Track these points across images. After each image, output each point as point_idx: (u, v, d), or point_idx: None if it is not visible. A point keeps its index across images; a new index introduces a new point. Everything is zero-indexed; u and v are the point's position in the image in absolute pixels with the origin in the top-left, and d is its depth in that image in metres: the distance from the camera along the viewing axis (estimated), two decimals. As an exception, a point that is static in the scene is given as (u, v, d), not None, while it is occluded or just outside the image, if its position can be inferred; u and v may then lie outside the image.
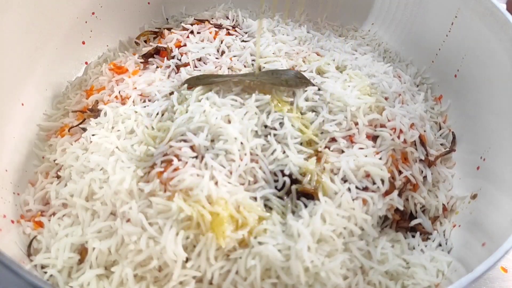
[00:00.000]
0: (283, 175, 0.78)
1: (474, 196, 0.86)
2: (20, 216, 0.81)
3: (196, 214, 0.67)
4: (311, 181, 0.77)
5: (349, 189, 0.76)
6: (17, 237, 0.77)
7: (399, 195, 0.81)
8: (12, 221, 0.79)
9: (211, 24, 1.13)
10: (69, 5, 1.03)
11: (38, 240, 0.75)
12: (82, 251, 0.73)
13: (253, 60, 0.99)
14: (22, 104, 0.92)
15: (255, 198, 0.74)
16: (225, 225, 0.66)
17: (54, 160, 0.87)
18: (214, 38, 1.07)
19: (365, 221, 0.74)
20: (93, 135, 0.83)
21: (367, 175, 0.79)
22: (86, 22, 1.10)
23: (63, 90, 1.05)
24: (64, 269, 0.71)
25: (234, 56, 1.00)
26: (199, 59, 1.00)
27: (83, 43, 1.11)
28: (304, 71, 0.96)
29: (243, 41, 1.06)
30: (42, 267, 0.72)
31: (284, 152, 0.79)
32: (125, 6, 1.18)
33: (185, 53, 1.01)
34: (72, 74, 1.08)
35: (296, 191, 0.76)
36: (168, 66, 1.00)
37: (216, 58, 1.00)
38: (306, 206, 0.75)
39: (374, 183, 0.79)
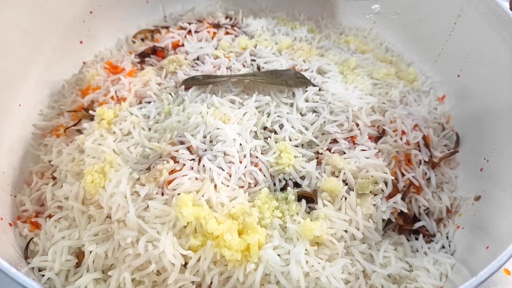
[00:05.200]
0: (283, 178, 0.77)
1: (477, 198, 0.85)
2: (17, 218, 0.80)
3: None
4: (310, 184, 0.77)
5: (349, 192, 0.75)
6: (14, 240, 0.76)
7: (403, 198, 0.81)
8: (10, 224, 0.78)
9: (209, 23, 1.12)
10: (66, 4, 1.02)
11: (34, 242, 0.75)
12: (79, 254, 0.72)
13: (252, 60, 0.98)
14: (19, 105, 0.91)
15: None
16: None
17: (50, 161, 0.86)
18: (212, 38, 1.06)
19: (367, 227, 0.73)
20: (88, 136, 0.82)
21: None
22: (83, 21, 1.08)
23: (59, 89, 1.04)
24: (61, 272, 0.70)
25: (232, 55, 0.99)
26: (197, 59, 0.99)
27: (81, 42, 1.10)
28: (306, 70, 0.95)
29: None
30: (40, 269, 0.72)
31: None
32: (123, 4, 1.17)
33: (183, 53, 1.00)
34: (70, 74, 1.07)
35: (296, 194, 0.75)
36: (165, 66, 0.98)
37: (214, 58, 0.98)
38: (306, 209, 0.74)
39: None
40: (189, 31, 1.08)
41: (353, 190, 0.76)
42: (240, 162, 0.75)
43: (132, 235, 0.66)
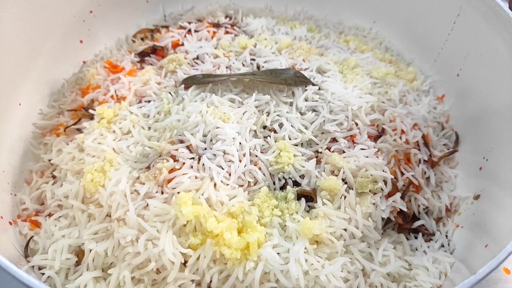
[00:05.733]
0: (283, 177, 0.77)
1: (477, 197, 0.85)
2: (17, 216, 0.81)
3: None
4: (309, 183, 0.77)
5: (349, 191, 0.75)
6: (14, 238, 0.76)
7: (402, 196, 0.81)
8: (10, 223, 0.78)
9: (209, 23, 1.12)
10: (66, 3, 1.02)
11: (34, 240, 0.75)
12: (79, 253, 0.72)
13: (252, 59, 0.98)
14: (20, 104, 0.91)
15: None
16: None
17: (50, 160, 0.87)
18: (212, 37, 1.06)
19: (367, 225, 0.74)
20: (88, 135, 0.83)
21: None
22: (84, 20, 1.09)
23: (59, 88, 1.04)
24: (61, 271, 0.70)
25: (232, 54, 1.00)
26: (197, 58, 0.99)
27: (81, 41, 1.10)
28: (305, 69, 0.95)
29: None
30: (39, 268, 0.72)
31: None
32: (124, 4, 1.17)
33: (183, 52, 1.00)
34: (70, 73, 1.07)
35: (296, 193, 0.75)
36: (165, 66, 0.98)
37: (214, 57, 0.99)
38: (306, 208, 0.74)
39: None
40: (189, 31, 1.08)
41: (352, 189, 0.76)
42: (240, 161, 0.75)
43: (132, 234, 0.67)
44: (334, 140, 0.83)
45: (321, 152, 0.81)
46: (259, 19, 1.16)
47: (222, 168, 0.74)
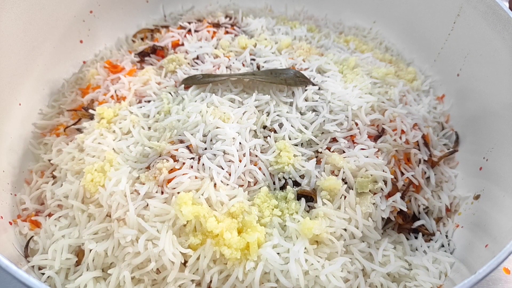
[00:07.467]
0: (283, 177, 0.77)
1: (476, 197, 0.85)
2: (17, 216, 0.81)
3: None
4: (309, 183, 0.77)
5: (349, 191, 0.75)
6: (14, 238, 0.76)
7: (402, 196, 0.81)
8: (10, 223, 0.78)
9: (209, 23, 1.12)
10: (66, 3, 1.02)
11: (34, 240, 0.75)
12: (79, 253, 0.72)
13: (252, 59, 0.98)
14: (20, 104, 0.91)
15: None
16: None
17: (49, 160, 0.87)
18: (212, 37, 1.06)
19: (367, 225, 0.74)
20: (88, 135, 0.83)
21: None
22: (84, 20, 1.09)
23: (59, 88, 1.04)
24: (61, 271, 0.71)
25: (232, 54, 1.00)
26: (197, 58, 0.99)
27: (81, 41, 1.10)
28: (305, 69, 0.95)
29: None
30: (39, 268, 0.72)
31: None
32: (123, 4, 1.17)
33: (183, 52, 1.00)
34: (70, 73, 1.08)
35: (296, 193, 0.75)
36: (165, 66, 0.98)
37: (214, 57, 0.99)
38: (306, 208, 0.74)
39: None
40: (189, 31, 1.08)
41: (352, 189, 0.77)
42: (240, 161, 0.76)
43: (132, 234, 0.67)
44: (334, 140, 0.83)
45: (321, 152, 0.81)
46: (259, 19, 1.16)
47: (222, 168, 0.74)
